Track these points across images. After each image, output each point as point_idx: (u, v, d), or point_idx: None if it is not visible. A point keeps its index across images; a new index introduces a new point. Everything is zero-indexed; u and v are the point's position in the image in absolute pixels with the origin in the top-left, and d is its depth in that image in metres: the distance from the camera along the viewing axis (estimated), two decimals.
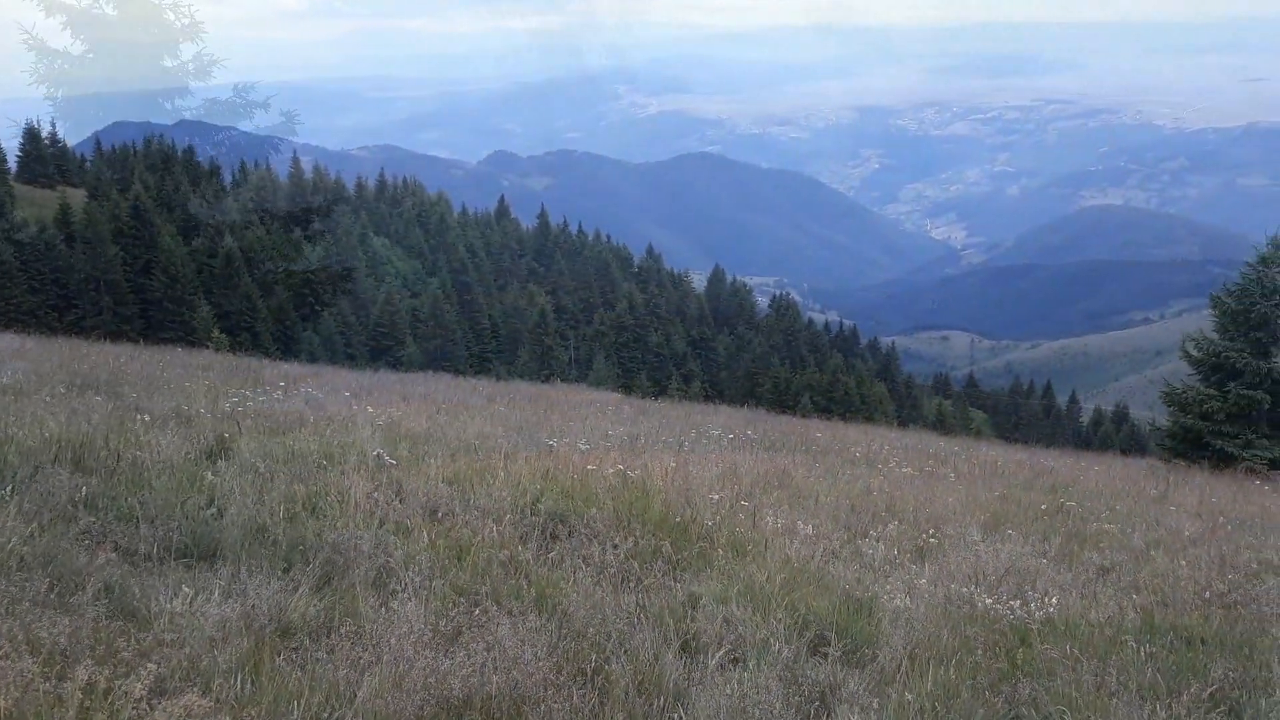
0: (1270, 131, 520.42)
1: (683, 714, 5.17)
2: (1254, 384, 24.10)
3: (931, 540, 9.43)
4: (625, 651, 5.66)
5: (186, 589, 5.66)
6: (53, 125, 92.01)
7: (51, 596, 5.34)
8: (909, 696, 5.53)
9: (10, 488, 6.94)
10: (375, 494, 7.84)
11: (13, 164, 77.84)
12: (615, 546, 7.30)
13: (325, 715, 4.77)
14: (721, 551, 7.72)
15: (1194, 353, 25.78)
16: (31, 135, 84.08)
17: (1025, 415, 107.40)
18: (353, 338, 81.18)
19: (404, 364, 63.34)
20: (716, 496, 9.09)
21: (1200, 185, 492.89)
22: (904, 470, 14.98)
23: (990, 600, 7.20)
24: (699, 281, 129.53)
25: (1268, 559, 10.05)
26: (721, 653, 5.87)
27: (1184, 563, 9.22)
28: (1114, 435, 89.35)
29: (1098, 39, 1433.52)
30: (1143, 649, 6.45)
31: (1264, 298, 24.59)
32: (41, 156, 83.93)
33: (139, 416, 10.08)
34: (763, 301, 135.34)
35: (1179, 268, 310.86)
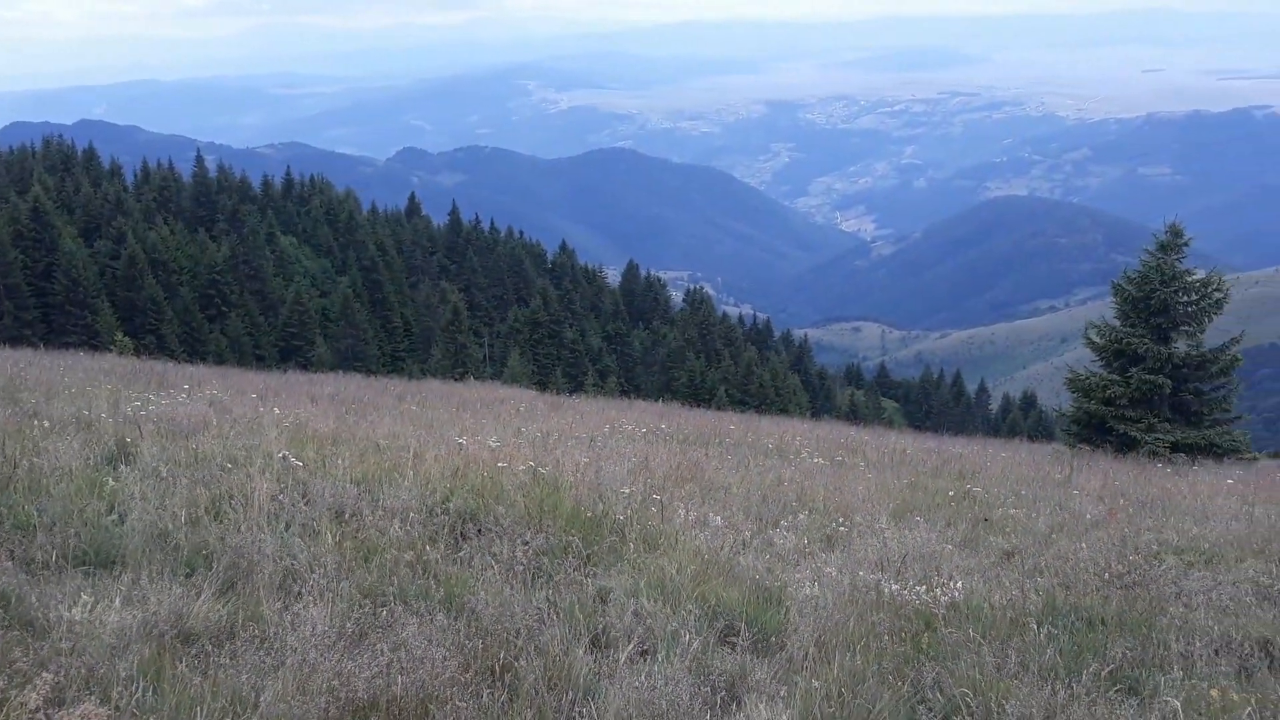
0: (1169, 121, 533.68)
1: (592, 708, 5.17)
2: (1155, 369, 24.51)
3: (841, 529, 9.54)
4: (535, 648, 5.65)
5: (86, 597, 5.54)
6: None
7: None
8: (815, 684, 5.58)
9: None
10: (280, 496, 7.72)
11: None
12: (525, 543, 7.26)
13: None
14: (632, 545, 7.72)
15: (1097, 339, 26.14)
16: None
17: (936, 404, 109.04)
18: (261, 338, 79.93)
19: (314, 364, 62.55)
20: (628, 491, 9.08)
21: (1102, 175, 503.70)
22: (815, 460, 15.15)
23: (897, 586, 7.30)
24: (613, 277, 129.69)
25: (1167, 540, 10.27)
26: (631, 646, 5.87)
27: (1085, 545, 9.38)
28: (1022, 422, 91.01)
29: (1001, 32, 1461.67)
30: (1044, 630, 6.57)
31: (1163, 284, 25.02)
32: None
33: (37, 423, 9.84)
34: (677, 296, 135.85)
35: (1083, 256, 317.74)
